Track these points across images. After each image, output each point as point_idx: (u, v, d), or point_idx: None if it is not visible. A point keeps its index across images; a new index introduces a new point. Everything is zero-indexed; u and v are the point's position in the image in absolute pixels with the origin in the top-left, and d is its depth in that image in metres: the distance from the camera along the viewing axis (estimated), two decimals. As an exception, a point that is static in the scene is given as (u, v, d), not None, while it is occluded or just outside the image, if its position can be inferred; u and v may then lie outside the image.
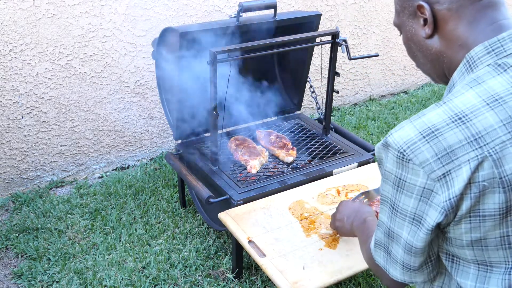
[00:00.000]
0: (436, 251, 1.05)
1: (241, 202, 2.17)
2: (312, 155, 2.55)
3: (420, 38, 1.06)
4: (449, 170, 0.90)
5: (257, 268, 2.32)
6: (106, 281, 2.25)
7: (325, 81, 3.24)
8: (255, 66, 2.81)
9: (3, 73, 2.70)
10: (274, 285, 1.84)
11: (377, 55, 2.63)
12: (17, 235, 2.59)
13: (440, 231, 1.00)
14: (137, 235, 2.55)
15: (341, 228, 1.67)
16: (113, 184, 3.00)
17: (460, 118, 0.91)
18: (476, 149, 0.89)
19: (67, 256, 2.42)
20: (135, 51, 3.02)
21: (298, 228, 2.05)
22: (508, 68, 0.95)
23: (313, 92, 2.86)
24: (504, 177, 0.90)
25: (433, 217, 0.93)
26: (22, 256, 2.47)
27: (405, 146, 0.92)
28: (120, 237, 2.55)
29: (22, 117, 2.83)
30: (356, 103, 4.17)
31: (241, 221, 2.06)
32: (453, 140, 0.90)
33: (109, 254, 2.43)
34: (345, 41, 2.45)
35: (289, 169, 2.43)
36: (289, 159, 2.47)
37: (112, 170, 3.25)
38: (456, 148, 0.90)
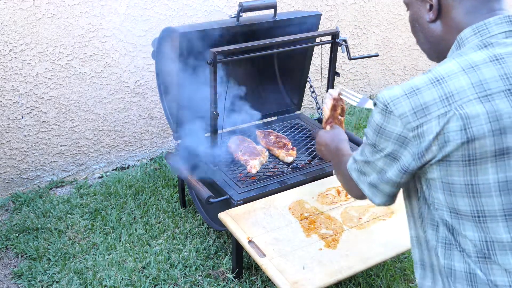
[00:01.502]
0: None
1: (241, 202, 2.17)
2: (312, 155, 2.55)
3: (424, 21, 1.19)
4: (422, 123, 1.06)
5: (257, 268, 2.32)
6: (106, 281, 2.25)
7: (325, 81, 3.24)
8: (255, 66, 2.81)
9: (3, 73, 2.70)
10: (274, 285, 1.84)
11: (377, 55, 2.63)
12: (17, 235, 2.59)
13: (422, 174, 1.15)
14: (137, 235, 2.55)
15: (322, 151, 1.80)
16: (113, 184, 3.00)
17: (438, 80, 1.06)
18: (446, 106, 1.04)
19: (67, 256, 2.42)
20: (135, 51, 3.02)
21: (298, 228, 2.05)
22: (489, 45, 1.08)
23: (313, 92, 2.86)
24: (468, 129, 1.03)
25: (407, 158, 1.11)
26: (22, 256, 2.47)
27: (389, 100, 1.09)
28: (120, 237, 2.55)
29: (22, 117, 2.84)
30: (356, 103, 4.17)
31: (241, 221, 2.06)
32: (429, 97, 1.05)
33: (109, 254, 2.43)
34: (345, 41, 2.45)
35: (289, 169, 2.43)
36: (289, 159, 2.47)
37: (112, 170, 3.25)
38: (430, 104, 1.05)
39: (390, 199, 1.25)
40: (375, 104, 1.14)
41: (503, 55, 1.06)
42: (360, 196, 1.32)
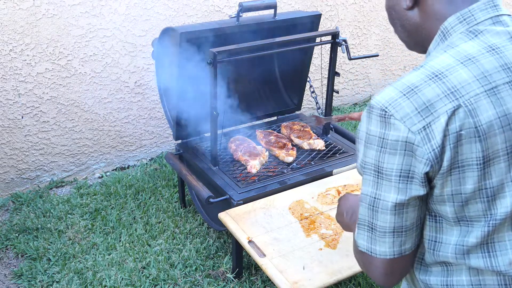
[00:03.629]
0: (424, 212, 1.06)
1: (241, 202, 2.17)
2: (312, 155, 2.55)
3: (400, 8, 1.11)
4: (429, 123, 0.94)
5: (257, 268, 2.32)
6: (106, 281, 2.25)
7: (325, 81, 3.24)
8: (255, 66, 2.81)
9: (3, 73, 2.70)
10: (274, 285, 1.84)
11: (377, 55, 2.63)
12: (17, 235, 2.59)
13: (429, 187, 1.01)
14: (137, 235, 2.55)
15: (341, 223, 1.61)
16: (113, 184, 3.00)
17: (436, 75, 0.97)
18: (453, 100, 0.94)
19: (67, 256, 2.42)
20: (135, 51, 3.02)
21: (298, 228, 2.05)
22: (479, 33, 1.02)
23: (313, 92, 2.86)
24: (479, 126, 0.94)
25: (420, 168, 0.96)
26: (22, 256, 2.47)
27: (387, 103, 0.96)
28: (120, 237, 2.55)
29: (22, 117, 2.84)
30: (356, 103, 4.17)
31: (241, 221, 2.06)
32: (431, 94, 0.95)
33: (109, 254, 2.43)
34: (345, 41, 2.45)
35: (289, 169, 2.43)
36: (289, 159, 2.47)
37: (112, 170, 3.25)
38: (435, 101, 0.95)
39: (416, 244, 1.05)
40: (368, 113, 0.99)
41: (498, 45, 1.00)
42: (386, 274, 1.05)
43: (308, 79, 2.88)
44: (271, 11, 2.47)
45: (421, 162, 0.95)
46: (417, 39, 1.12)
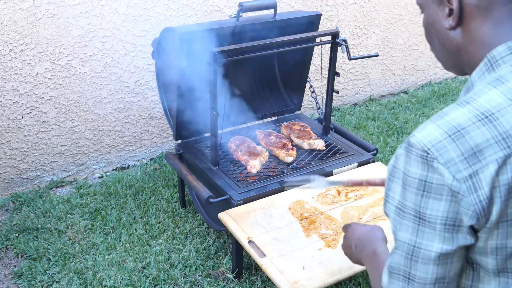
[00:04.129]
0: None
1: (241, 202, 2.17)
2: (312, 155, 2.55)
3: (441, 27, 1.01)
4: (476, 171, 0.85)
5: (257, 268, 2.32)
6: (106, 281, 2.25)
7: (325, 81, 3.24)
8: (255, 66, 2.81)
9: (3, 73, 2.70)
10: (274, 285, 1.84)
11: (377, 55, 2.63)
12: (17, 235, 2.59)
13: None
14: (137, 235, 2.55)
15: (350, 256, 1.50)
16: (113, 184, 3.00)
17: (486, 117, 0.87)
18: (504, 148, 0.85)
19: (67, 256, 2.42)
20: (135, 51, 3.02)
21: (298, 228, 2.05)
22: None
23: (313, 92, 2.86)
24: None
25: (465, 220, 0.87)
26: (22, 256, 2.47)
27: (430, 144, 0.86)
28: (120, 237, 2.55)
29: (22, 117, 2.84)
30: (356, 103, 4.17)
31: (241, 221, 2.06)
32: (480, 139, 0.85)
33: (109, 254, 2.43)
34: (345, 41, 2.45)
35: (289, 169, 2.43)
36: (289, 159, 2.47)
37: (112, 170, 3.25)
38: (484, 147, 0.85)
39: None
40: (407, 151, 0.89)
41: None
42: None
43: (308, 79, 2.88)
44: (271, 11, 2.47)
45: (467, 214, 0.86)
46: (457, 62, 1.04)
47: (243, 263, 2.29)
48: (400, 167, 0.91)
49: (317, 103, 2.87)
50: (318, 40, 2.55)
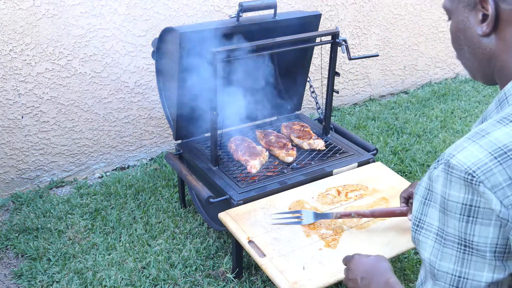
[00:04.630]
0: None
1: (241, 202, 2.17)
2: (312, 155, 2.55)
3: (473, 34, 0.94)
4: None
5: (257, 268, 2.32)
6: (106, 281, 2.25)
7: (325, 81, 3.24)
8: (255, 66, 2.80)
9: (3, 73, 2.70)
10: (274, 285, 1.84)
11: (377, 55, 2.63)
12: (17, 235, 2.59)
13: None
14: (137, 235, 2.55)
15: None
16: (113, 184, 3.00)
17: None
18: None
19: (67, 256, 2.42)
20: (135, 51, 3.02)
21: (298, 228, 2.05)
22: None
23: (313, 92, 2.86)
24: None
25: None
26: (22, 256, 2.47)
27: (475, 167, 0.79)
28: (120, 237, 2.55)
29: (22, 117, 2.84)
30: (356, 103, 4.18)
31: (241, 221, 2.06)
32: None
33: (109, 254, 2.43)
34: (345, 41, 2.45)
35: (289, 169, 2.43)
36: (289, 159, 2.47)
37: (112, 170, 3.25)
38: None
39: None
40: (446, 174, 0.82)
41: None
42: None
43: (308, 79, 2.88)
44: (271, 11, 2.47)
45: None
46: (487, 71, 0.96)
47: (243, 263, 2.29)
48: (438, 191, 0.84)
49: (317, 103, 2.87)
50: (318, 40, 2.55)
